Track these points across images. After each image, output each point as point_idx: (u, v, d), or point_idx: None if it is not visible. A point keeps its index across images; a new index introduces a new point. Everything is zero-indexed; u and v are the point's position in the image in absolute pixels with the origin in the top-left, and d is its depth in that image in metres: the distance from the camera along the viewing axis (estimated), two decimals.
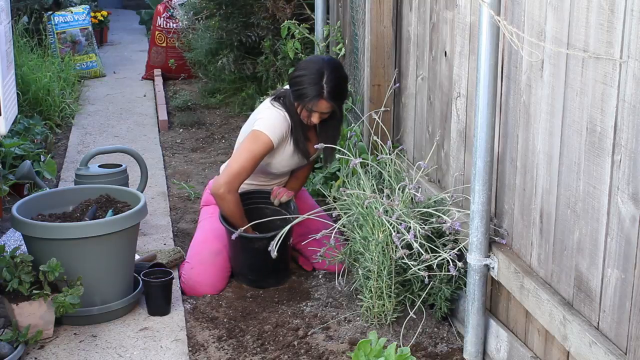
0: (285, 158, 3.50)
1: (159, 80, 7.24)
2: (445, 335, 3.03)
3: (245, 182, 3.56)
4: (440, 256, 2.81)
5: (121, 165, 4.04)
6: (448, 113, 3.12)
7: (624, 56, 1.97)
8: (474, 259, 2.69)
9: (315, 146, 3.32)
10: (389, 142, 3.26)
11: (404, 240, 2.83)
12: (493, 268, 2.69)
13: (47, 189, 4.03)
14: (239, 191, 3.47)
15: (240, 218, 3.41)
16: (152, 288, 3.19)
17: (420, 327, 3.03)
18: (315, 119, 3.37)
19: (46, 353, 2.93)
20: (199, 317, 3.22)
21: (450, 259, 2.77)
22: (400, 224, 2.86)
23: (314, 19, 5.14)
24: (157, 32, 7.44)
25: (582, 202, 2.23)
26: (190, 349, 2.99)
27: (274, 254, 3.09)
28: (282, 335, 3.07)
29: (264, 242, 3.27)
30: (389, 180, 3.16)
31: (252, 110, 5.48)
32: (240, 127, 3.72)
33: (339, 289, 3.35)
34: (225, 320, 3.20)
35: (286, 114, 3.42)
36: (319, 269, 3.57)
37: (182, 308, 3.26)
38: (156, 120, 6.15)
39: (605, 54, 2.05)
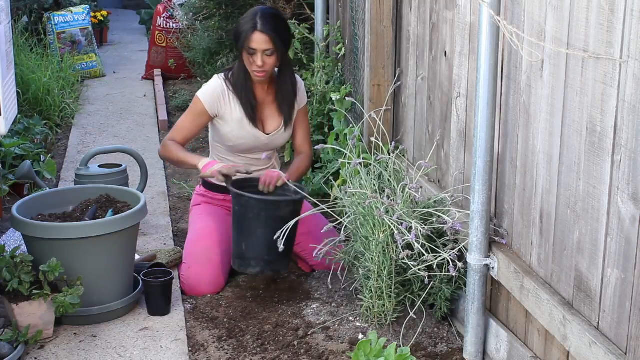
0: (235, 127, 3.52)
1: (159, 80, 7.24)
2: (445, 335, 3.03)
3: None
4: (440, 256, 2.81)
5: (121, 165, 4.04)
6: (448, 113, 3.12)
7: (624, 56, 1.98)
8: (474, 259, 2.69)
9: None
10: (393, 143, 3.26)
11: (405, 240, 2.84)
12: (493, 268, 2.70)
13: (47, 189, 4.03)
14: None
15: (184, 154, 3.48)
16: (152, 288, 3.19)
17: (420, 327, 3.03)
18: (258, 60, 3.40)
19: (46, 353, 2.93)
20: (199, 317, 3.22)
21: (451, 259, 2.77)
22: (401, 223, 2.86)
23: (314, 19, 5.14)
24: (157, 32, 7.44)
25: (582, 202, 2.23)
26: (190, 349, 2.99)
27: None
28: (282, 335, 3.07)
29: (291, 207, 3.22)
30: (389, 180, 3.16)
31: None
32: None
33: (335, 287, 3.35)
34: (225, 320, 3.20)
35: (225, 79, 3.54)
36: (318, 269, 3.57)
37: (182, 308, 3.26)
38: (156, 120, 6.15)
39: (605, 54, 2.05)
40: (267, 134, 3.57)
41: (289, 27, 3.58)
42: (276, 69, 3.57)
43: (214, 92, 3.52)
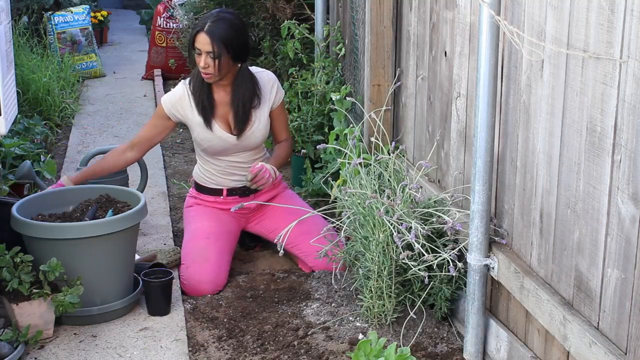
0: (201, 131, 3.56)
1: (159, 80, 7.23)
2: (445, 335, 3.03)
3: (210, 168, 3.64)
4: (440, 256, 2.81)
5: None
6: (448, 113, 3.12)
7: (624, 56, 1.98)
8: (474, 259, 2.69)
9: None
10: (393, 143, 3.26)
11: (404, 240, 2.84)
12: (493, 268, 2.69)
13: (47, 188, 4.02)
14: None
15: (95, 169, 3.67)
16: (152, 288, 3.19)
17: (420, 327, 3.03)
18: (201, 61, 3.44)
19: (46, 353, 2.93)
20: (199, 317, 3.22)
21: (451, 259, 2.77)
22: (401, 224, 2.86)
23: (314, 19, 5.14)
24: (157, 32, 7.44)
25: (582, 202, 2.23)
26: (190, 349, 2.99)
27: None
28: (282, 335, 3.07)
29: None
30: (389, 180, 3.16)
31: None
32: None
33: (335, 288, 3.35)
34: (225, 320, 3.20)
35: (187, 84, 3.57)
36: (317, 269, 3.57)
37: (182, 308, 3.26)
38: None
39: (605, 54, 2.05)
40: (235, 135, 3.58)
41: (243, 34, 3.56)
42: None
43: (174, 96, 3.59)
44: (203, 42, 3.43)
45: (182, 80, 3.64)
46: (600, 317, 2.18)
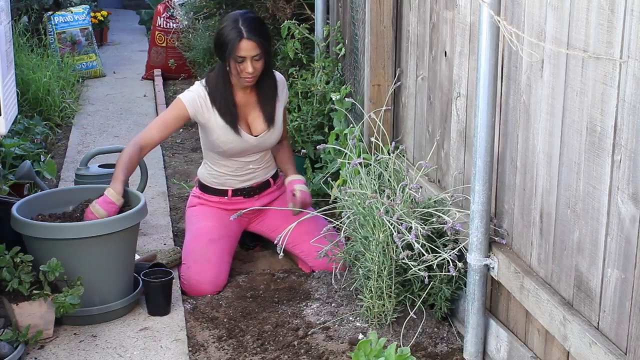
0: (222, 133, 3.51)
1: (159, 80, 7.24)
2: (445, 335, 3.03)
3: (221, 169, 3.62)
4: (440, 256, 2.81)
5: None
6: (448, 113, 3.12)
7: (624, 56, 1.98)
8: (474, 259, 2.69)
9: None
10: (393, 143, 3.26)
11: (404, 240, 2.84)
12: (493, 268, 2.70)
13: (47, 188, 4.02)
14: None
15: (119, 168, 3.29)
16: (152, 288, 3.19)
17: (420, 327, 3.03)
18: (249, 67, 3.40)
19: (46, 353, 2.93)
20: (199, 317, 3.22)
21: (451, 259, 2.77)
22: (401, 224, 2.86)
23: (314, 19, 5.14)
24: (157, 32, 7.45)
25: (582, 202, 2.23)
26: (190, 349, 2.99)
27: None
28: (282, 335, 3.07)
29: None
30: (389, 180, 3.16)
31: None
32: None
33: (335, 288, 3.35)
34: (225, 320, 3.20)
35: (205, 85, 3.51)
36: (317, 269, 3.57)
37: (182, 308, 3.26)
38: None
39: (605, 54, 2.05)
40: (255, 136, 3.57)
41: (267, 27, 3.61)
42: None
43: (197, 99, 3.49)
44: (248, 48, 3.37)
45: (198, 82, 3.57)
46: (600, 317, 2.18)
